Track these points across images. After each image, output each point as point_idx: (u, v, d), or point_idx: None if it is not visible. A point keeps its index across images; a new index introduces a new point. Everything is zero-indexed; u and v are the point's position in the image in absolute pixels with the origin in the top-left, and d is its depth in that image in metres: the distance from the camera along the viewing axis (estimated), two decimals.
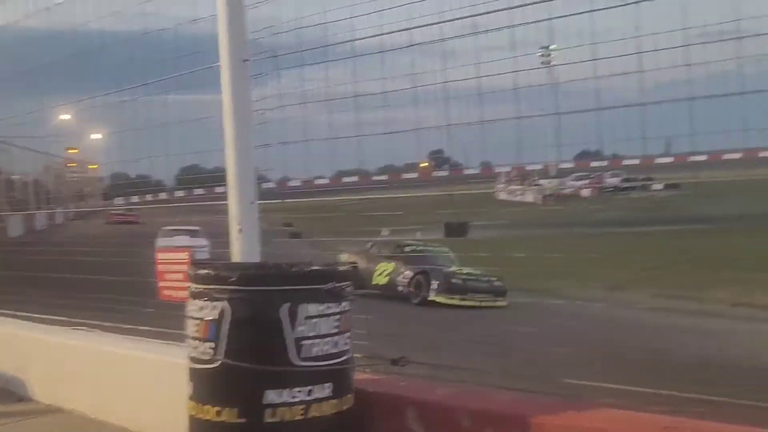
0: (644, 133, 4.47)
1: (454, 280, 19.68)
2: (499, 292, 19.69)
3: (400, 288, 20.22)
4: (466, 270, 20.14)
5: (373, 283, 20.59)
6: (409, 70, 5.32)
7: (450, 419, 4.11)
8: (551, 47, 5.30)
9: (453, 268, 20.38)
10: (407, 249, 21.67)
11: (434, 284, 19.61)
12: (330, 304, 4.09)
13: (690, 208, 32.41)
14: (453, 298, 19.22)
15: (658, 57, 4.27)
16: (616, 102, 4.53)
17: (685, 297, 17.51)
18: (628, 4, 4.05)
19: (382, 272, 20.98)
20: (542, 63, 5.42)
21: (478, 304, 19.06)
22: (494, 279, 19.83)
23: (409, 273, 20.34)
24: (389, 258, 21.21)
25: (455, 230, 29.23)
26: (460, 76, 5.14)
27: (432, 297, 19.41)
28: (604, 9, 4.44)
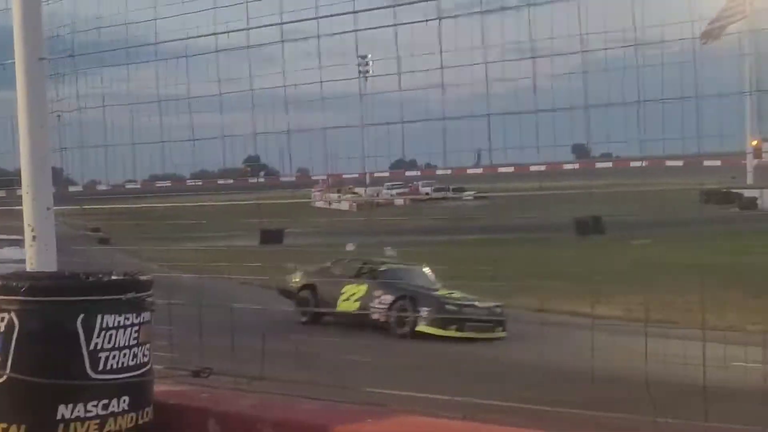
0: (457, 145, 4.63)
1: (448, 307, 16.25)
2: (499, 321, 16.26)
3: (375, 316, 16.61)
4: (457, 293, 16.80)
5: (339, 309, 17.19)
6: (218, 74, 5.24)
7: (252, 430, 4.07)
8: (368, 57, 5.39)
9: (441, 291, 16.97)
10: (382, 268, 17.75)
11: (424, 312, 16.19)
12: (129, 315, 3.95)
13: (496, 218, 33.86)
14: (449, 329, 15.76)
15: (471, 71, 4.42)
16: (431, 113, 4.67)
17: None
18: (432, 20, 4.17)
19: (351, 296, 17.39)
20: (360, 72, 5.50)
21: (475, 335, 15.82)
22: (493, 304, 16.55)
23: (387, 297, 16.82)
24: (358, 279, 17.54)
25: (271, 238, 29.15)
26: (275, 82, 5.13)
27: (421, 327, 15.97)
28: (412, 23, 4.57)
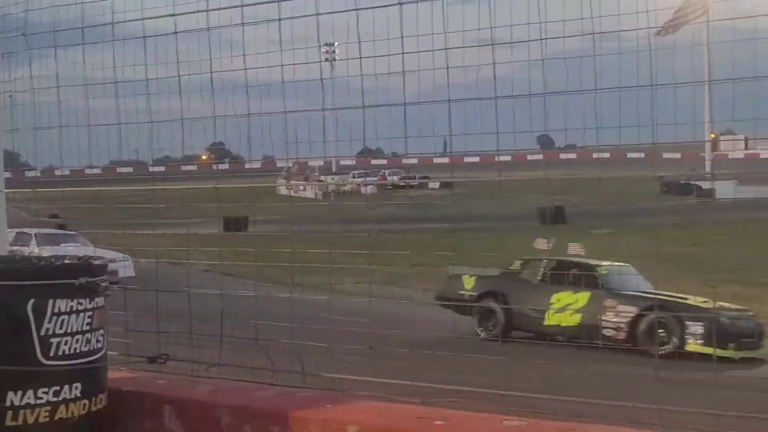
0: (422, 133, 4.60)
1: (723, 320, 13.26)
2: (763, 334, 13.64)
3: (608, 332, 13.73)
4: (708, 302, 13.56)
5: (548, 323, 14.40)
6: (177, 57, 5.15)
7: (209, 416, 4.02)
8: (335, 45, 5.33)
9: (693, 300, 13.73)
10: (603, 271, 14.70)
11: (693, 328, 13.30)
12: (82, 300, 3.87)
13: (461, 207, 33.93)
14: (728, 348, 12.80)
15: (436, 60, 4.39)
16: (397, 101, 4.62)
17: None
18: (392, 5, 4.13)
19: (565, 307, 14.44)
20: (326, 59, 5.44)
21: (748, 354, 13.13)
22: (750, 313, 13.98)
23: (628, 309, 13.94)
24: (574, 285, 14.50)
25: (234, 225, 28.89)
26: (238, 67, 5.05)
27: (692, 346, 12.95)
28: (373, 7, 4.52)
